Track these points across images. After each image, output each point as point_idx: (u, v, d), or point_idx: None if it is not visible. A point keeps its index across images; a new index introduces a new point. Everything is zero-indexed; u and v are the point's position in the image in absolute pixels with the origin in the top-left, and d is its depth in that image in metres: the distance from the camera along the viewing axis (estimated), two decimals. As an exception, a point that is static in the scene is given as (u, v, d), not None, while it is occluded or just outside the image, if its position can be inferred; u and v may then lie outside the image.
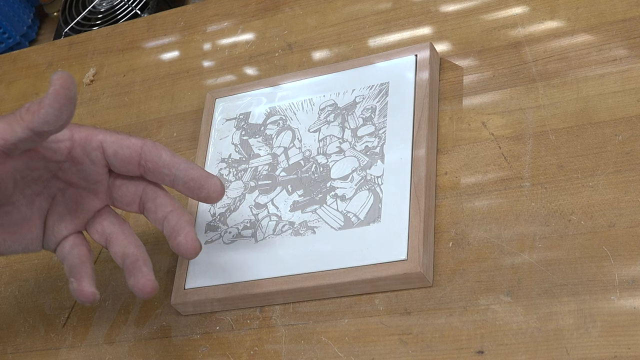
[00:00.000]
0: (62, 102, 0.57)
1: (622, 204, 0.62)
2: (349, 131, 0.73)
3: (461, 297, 0.63)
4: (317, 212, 0.70)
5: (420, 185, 0.67)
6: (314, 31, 0.85)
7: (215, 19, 0.92)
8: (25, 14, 2.53)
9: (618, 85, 0.67)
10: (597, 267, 0.60)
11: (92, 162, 0.65)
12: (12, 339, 0.79)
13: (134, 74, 0.93)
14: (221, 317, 0.71)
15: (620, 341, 0.57)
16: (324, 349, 0.66)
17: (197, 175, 0.64)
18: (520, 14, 0.74)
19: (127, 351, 0.73)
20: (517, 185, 0.66)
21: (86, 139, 0.64)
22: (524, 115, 0.69)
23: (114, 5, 2.26)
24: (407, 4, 0.81)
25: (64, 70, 0.58)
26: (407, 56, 0.74)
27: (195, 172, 0.64)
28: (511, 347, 0.60)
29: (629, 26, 0.69)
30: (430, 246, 0.66)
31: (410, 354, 0.62)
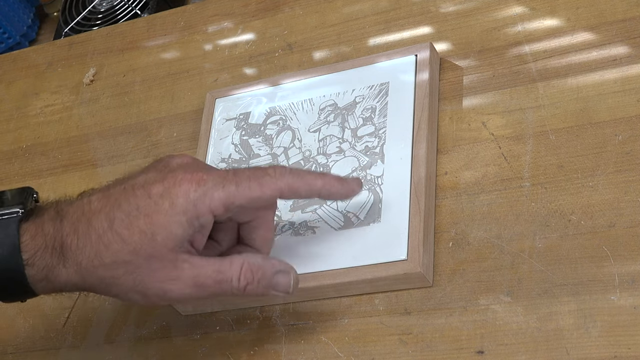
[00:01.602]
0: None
1: (622, 204, 0.61)
2: (349, 131, 0.73)
3: (461, 297, 0.63)
4: (317, 212, 0.70)
5: (420, 185, 0.67)
6: (314, 31, 0.85)
7: (215, 19, 0.92)
8: (25, 14, 2.53)
9: (618, 85, 0.67)
10: (597, 267, 0.60)
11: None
12: (12, 339, 0.79)
13: (134, 74, 0.93)
14: (221, 317, 0.71)
15: (620, 341, 0.57)
16: (324, 349, 0.66)
17: (337, 193, 0.63)
18: (520, 14, 0.74)
19: (127, 351, 0.73)
20: (517, 185, 0.66)
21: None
22: (524, 115, 0.69)
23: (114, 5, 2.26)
24: (407, 4, 0.81)
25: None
26: (407, 56, 0.74)
27: (334, 190, 0.63)
28: (511, 347, 0.60)
29: (629, 26, 0.69)
30: (430, 246, 0.66)
31: (410, 354, 0.62)
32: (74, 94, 0.95)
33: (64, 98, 0.96)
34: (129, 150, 0.87)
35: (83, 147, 0.90)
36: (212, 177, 0.58)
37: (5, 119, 0.98)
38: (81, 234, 0.58)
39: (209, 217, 0.58)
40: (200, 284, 0.59)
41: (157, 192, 0.58)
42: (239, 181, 0.58)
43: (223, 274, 0.59)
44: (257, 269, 0.60)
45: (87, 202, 0.60)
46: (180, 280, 0.58)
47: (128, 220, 0.58)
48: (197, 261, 0.59)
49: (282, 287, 0.61)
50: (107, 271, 0.58)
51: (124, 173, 0.82)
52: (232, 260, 0.59)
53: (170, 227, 0.57)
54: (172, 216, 0.57)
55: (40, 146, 0.93)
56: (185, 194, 0.57)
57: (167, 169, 0.60)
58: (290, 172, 0.60)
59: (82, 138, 0.91)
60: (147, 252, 0.57)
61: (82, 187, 0.86)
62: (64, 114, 0.94)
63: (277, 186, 0.59)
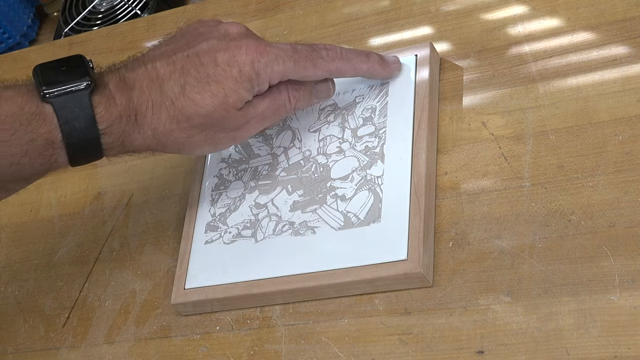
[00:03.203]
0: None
1: (622, 204, 0.61)
2: (349, 131, 0.73)
3: (461, 297, 0.63)
4: (317, 212, 0.70)
5: (420, 185, 0.67)
6: (314, 31, 0.85)
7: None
8: (25, 14, 2.53)
9: (618, 85, 0.67)
10: (597, 267, 0.60)
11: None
12: (12, 339, 0.79)
13: (134, 74, 0.93)
14: (221, 317, 0.71)
15: (620, 341, 0.57)
16: (324, 349, 0.66)
17: (380, 75, 0.73)
18: (520, 14, 0.74)
19: (127, 351, 0.73)
20: (517, 185, 0.66)
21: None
22: (524, 115, 0.69)
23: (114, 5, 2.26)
24: (407, 4, 0.81)
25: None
26: (407, 56, 0.74)
27: (377, 72, 0.72)
28: (511, 347, 0.60)
29: (629, 26, 0.69)
30: (430, 246, 0.66)
31: (410, 354, 0.62)
32: (74, 94, 0.95)
33: (64, 98, 0.95)
34: (129, 150, 0.86)
35: (83, 147, 0.90)
36: (273, 50, 0.65)
37: (5, 119, 0.98)
38: (155, 101, 0.64)
39: (266, 84, 0.66)
40: (264, 117, 0.68)
41: (223, 60, 0.64)
42: (297, 59, 0.66)
43: (277, 100, 0.68)
44: (299, 86, 0.69)
45: (152, 68, 0.65)
46: (249, 123, 0.67)
47: (200, 85, 0.64)
48: (256, 102, 0.67)
49: (323, 92, 0.72)
50: (183, 132, 0.65)
51: (124, 174, 0.82)
52: (279, 89, 0.68)
53: (239, 91, 0.65)
54: (241, 82, 0.64)
55: (40, 146, 0.93)
56: (251, 63, 0.64)
57: (229, 37, 0.66)
58: (341, 56, 0.69)
59: (82, 138, 0.91)
60: (220, 113, 0.65)
61: (82, 187, 0.87)
62: (64, 114, 0.94)
63: (328, 68, 0.68)
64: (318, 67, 0.67)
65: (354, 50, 0.70)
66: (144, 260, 0.78)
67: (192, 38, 0.67)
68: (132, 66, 0.66)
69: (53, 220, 0.86)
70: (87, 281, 0.79)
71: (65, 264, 0.82)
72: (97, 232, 0.82)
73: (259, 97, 0.67)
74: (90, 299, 0.78)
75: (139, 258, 0.78)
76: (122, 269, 0.78)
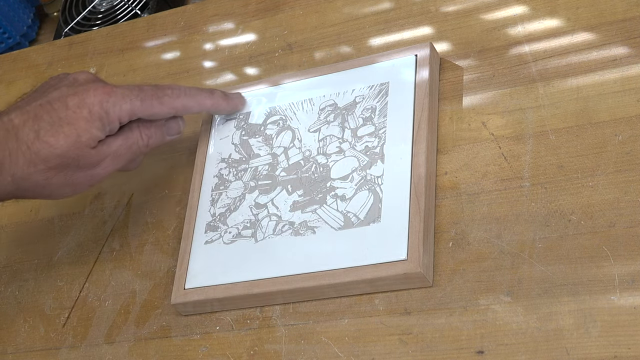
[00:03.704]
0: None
1: (622, 204, 0.61)
2: (349, 131, 0.73)
3: (461, 297, 0.63)
4: (317, 212, 0.70)
5: (420, 185, 0.67)
6: (314, 31, 0.85)
7: (215, 19, 0.92)
8: (25, 14, 2.53)
9: (618, 85, 0.67)
10: (597, 267, 0.60)
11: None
12: (12, 339, 0.79)
13: (134, 74, 0.93)
14: (221, 317, 0.71)
15: (620, 341, 0.57)
16: (324, 349, 0.66)
17: (224, 110, 0.79)
18: (520, 14, 0.74)
19: (127, 351, 0.73)
20: (517, 185, 0.66)
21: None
22: (524, 115, 0.69)
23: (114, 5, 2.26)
24: (407, 4, 0.81)
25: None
26: (407, 56, 0.74)
27: (221, 108, 0.78)
28: (511, 347, 0.60)
29: (629, 26, 0.69)
30: (430, 246, 0.65)
31: (410, 354, 0.62)
32: (74, 94, 0.95)
33: (64, 98, 0.96)
34: (129, 150, 0.87)
35: (83, 147, 0.90)
36: (120, 91, 0.70)
37: (5, 119, 0.98)
38: (12, 149, 0.68)
39: (117, 123, 0.71)
40: (118, 154, 0.72)
41: (74, 104, 0.69)
42: (143, 98, 0.71)
43: (129, 138, 0.72)
44: (150, 124, 0.73)
45: (7, 120, 0.68)
46: (104, 161, 0.71)
47: (53, 129, 0.68)
48: (110, 140, 0.71)
49: (174, 129, 0.75)
50: (41, 174, 0.69)
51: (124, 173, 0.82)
52: (131, 127, 0.72)
53: (91, 130, 0.69)
54: (92, 122, 0.69)
55: (40, 146, 0.93)
56: (99, 103, 0.69)
57: (77, 83, 0.71)
58: (186, 94, 0.74)
59: (82, 138, 0.91)
60: (75, 152, 0.69)
61: (82, 187, 0.86)
62: (64, 114, 0.94)
63: (174, 105, 0.73)
64: (164, 104, 0.72)
65: (198, 88, 0.75)
66: (144, 260, 0.78)
67: (43, 90, 0.71)
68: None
69: (53, 220, 0.86)
70: (87, 281, 0.79)
71: (65, 264, 0.82)
72: (97, 232, 0.82)
73: (112, 136, 0.71)
74: (90, 299, 0.78)
75: (139, 258, 0.78)
76: (122, 269, 0.78)
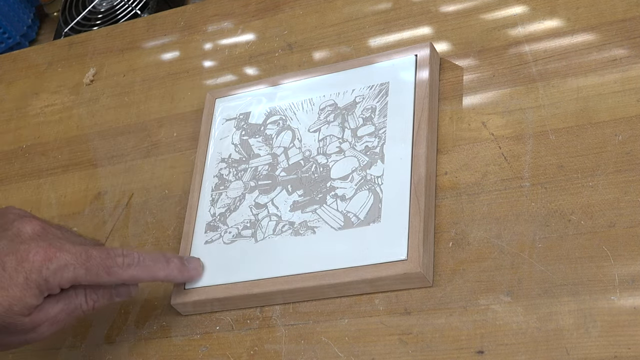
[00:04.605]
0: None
1: (622, 204, 0.61)
2: (349, 131, 0.73)
3: (461, 297, 0.63)
4: (317, 212, 0.70)
5: (420, 185, 0.67)
6: (314, 31, 0.85)
7: (215, 19, 0.92)
8: (25, 14, 2.53)
9: (618, 85, 0.67)
10: (597, 267, 0.60)
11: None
12: (12, 339, 0.79)
13: (134, 74, 0.93)
14: (221, 317, 0.71)
15: (620, 341, 0.57)
16: (324, 349, 0.66)
17: (179, 280, 0.71)
18: (520, 14, 0.74)
19: (127, 351, 0.73)
20: (517, 185, 0.66)
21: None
22: (524, 115, 0.69)
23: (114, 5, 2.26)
24: (407, 4, 0.81)
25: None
26: (407, 56, 0.74)
27: (176, 279, 0.71)
28: (511, 347, 0.60)
29: (629, 26, 0.69)
30: (430, 246, 0.65)
31: (410, 354, 0.62)
32: (74, 94, 0.95)
33: (64, 98, 0.96)
34: (129, 150, 0.87)
35: (83, 147, 0.90)
36: (64, 257, 0.63)
37: (5, 119, 0.98)
38: None
39: (57, 290, 0.64)
40: (57, 321, 0.65)
41: (11, 266, 0.62)
42: (89, 267, 0.64)
43: (72, 303, 0.65)
44: (97, 288, 0.66)
45: None
46: (40, 327, 0.64)
47: None
48: (48, 306, 0.64)
49: (123, 294, 0.69)
50: None
51: (124, 174, 0.82)
52: (76, 290, 0.65)
53: (25, 299, 0.62)
54: (27, 290, 0.62)
55: (40, 146, 0.93)
56: (38, 270, 0.62)
57: (19, 239, 0.63)
58: (138, 264, 0.66)
59: (82, 138, 0.91)
60: (5, 321, 0.62)
61: (82, 187, 0.87)
62: (64, 114, 0.94)
63: (122, 277, 0.66)
64: (112, 275, 0.65)
65: (153, 256, 0.68)
66: (144, 260, 0.78)
67: None
68: None
69: (53, 220, 0.85)
70: (87, 281, 0.79)
71: (65, 264, 0.82)
72: (97, 232, 0.82)
73: (52, 299, 0.64)
74: (90, 299, 0.78)
75: (139, 258, 0.78)
76: (122, 269, 0.78)
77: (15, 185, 0.91)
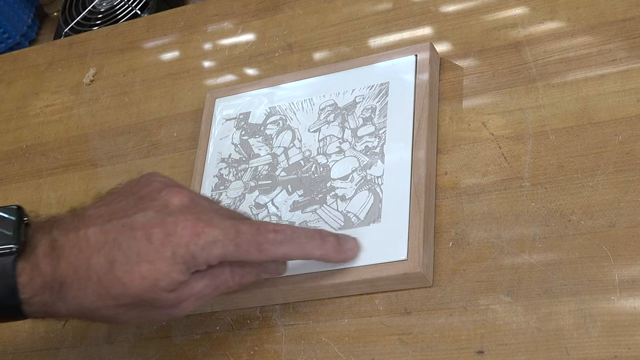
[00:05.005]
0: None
1: (622, 204, 0.61)
2: (349, 131, 0.73)
3: (461, 297, 0.63)
4: (317, 212, 0.70)
5: (420, 185, 0.67)
6: (314, 31, 0.85)
7: (215, 19, 0.92)
8: (25, 14, 2.53)
9: (618, 85, 0.67)
10: (597, 267, 0.60)
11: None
12: (12, 339, 0.79)
13: (134, 74, 0.93)
14: (221, 317, 0.71)
15: (620, 341, 0.57)
16: (324, 349, 0.66)
17: (334, 261, 0.66)
18: (520, 14, 0.74)
19: (127, 351, 0.73)
20: (517, 185, 0.66)
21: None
22: (524, 115, 0.69)
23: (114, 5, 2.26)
24: (407, 4, 0.81)
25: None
26: (407, 56, 0.74)
27: (331, 259, 0.66)
28: (511, 347, 0.60)
29: (629, 26, 0.69)
30: (430, 246, 0.65)
31: (410, 354, 0.62)
32: (74, 94, 0.95)
33: (64, 98, 0.96)
34: (129, 150, 0.87)
35: (83, 147, 0.90)
36: (213, 232, 0.59)
37: (5, 119, 0.98)
38: (81, 275, 0.59)
39: (204, 266, 0.60)
40: (201, 296, 0.61)
41: (158, 239, 0.58)
42: (239, 244, 0.60)
43: (217, 278, 0.61)
44: (244, 264, 0.62)
45: (83, 237, 0.59)
46: (185, 302, 0.61)
47: (129, 265, 0.58)
48: (193, 281, 0.60)
49: (272, 272, 0.65)
50: (110, 310, 0.60)
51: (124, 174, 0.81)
52: (222, 266, 0.61)
53: (172, 275, 0.58)
54: (174, 265, 0.58)
55: (40, 146, 0.93)
56: (185, 246, 0.58)
57: (166, 210, 0.60)
58: (291, 241, 0.62)
59: (82, 138, 0.91)
60: (150, 296, 0.59)
61: (82, 187, 0.87)
62: (64, 114, 0.94)
63: (274, 254, 0.61)
64: (262, 253, 0.61)
65: (307, 233, 0.63)
66: (144, 260, 0.78)
67: (132, 203, 0.61)
68: (66, 226, 0.60)
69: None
70: (87, 281, 0.79)
71: (65, 264, 0.82)
72: (97, 232, 0.82)
73: (197, 275, 0.60)
74: (90, 299, 0.78)
75: (139, 258, 0.78)
76: (122, 269, 0.78)
77: (15, 185, 0.91)
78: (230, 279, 0.62)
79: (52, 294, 0.59)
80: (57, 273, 0.58)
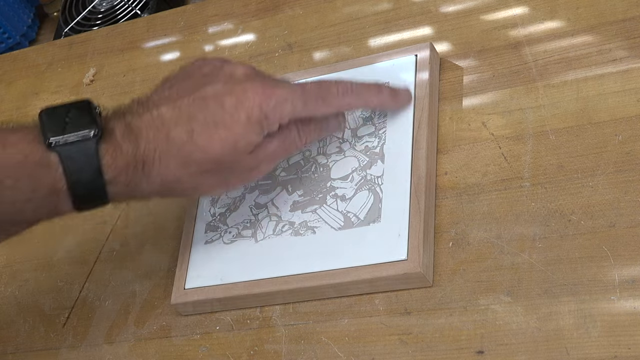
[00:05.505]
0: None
1: (622, 204, 0.61)
2: (349, 131, 0.73)
3: (461, 297, 0.63)
4: (317, 212, 0.70)
5: (420, 185, 0.67)
6: (314, 31, 0.85)
7: (215, 19, 0.92)
8: (25, 14, 2.53)
9: (618, 85, 0.67)
10: (597, 267, 0.60)
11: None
12: (12, 339, 0.79)
13: (134, 74, 0.93)
14: (221, 317, 0.71)
15: (620, 341, 0.57)
16: (324, 349, 0.66)
17: (390, 108, 0.71)
18: (520, 14, 0.74)
19: (127, 351, 0.73)
20: (517, 185, 0.66)
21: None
22: (524, 115, 0.69)
23: (114, 5, 2.26)
24: (407, 4, 0.81)
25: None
26: (407, 56, 0.74)
27: (388, 106, 0.71)
28: (511, 347, 0.60)
29: (629, 26, 0.69)
30: (430, 246, 0.66)
31: (410, 354, 0.62)
32: (74, 94, 0.95)
33: (64, 98, 0.96)
34: (129, 150, 0.86)
35: (83, 147, 0.90)
36: (281, 92, 0.63)
37: (5, 119, 0.98)
38: (162, 150, 0.62)
39: (276, 126, 0.64)
40: (274, 158, 0.66)
41: (230, 104, 0.62)
42: (306, 99, 0.65)
43: (287, 139, 0.66)
44: (309, 122, 0.67)
45: (157, 116, 0.63)
46: (260, 164, 0.66)
47: (207, 131, 0.62)
48: (266, 143, 0.65)
49: (334, 127, 0.70)
50: (192, 178, 0.64)
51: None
52: (289, 127, 0.66)
53: (248, 136, 0.63)
54: (249, 126, 0.62)
55: (40, 146, 0.93)
56: (259, 107, 0.62)
57: (233, 80, 0.64)
58: (352, 92, 0.67)
59: (82, 138, 0.91)
60: (230, 158, 0.63)
61: (82, 187, 0.86)
62: (64, 114, 0.94)
63: (339, 104, 0.67)
64: (329, 104, 0.66)
65: (365, 84, 0.69)
66: (144, 260, 0.78)
67: (196, 80, 0.64)
68: (137, 111, 0.64)
69: (53, 220, 0.85)
70: (87, 281, 0.79)
71: (65, 264, 0.82)
72: (97, 232, 0.82)
73: (269, 138, 0.65)
74: (90, 299, 0.78)
75: (139, 258, 0.78)
76: (122, 269, 0.78)
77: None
78: (297, 138, 0.67)
79: (135, 173, 0.62)
80: (138, 152, 0.62)
